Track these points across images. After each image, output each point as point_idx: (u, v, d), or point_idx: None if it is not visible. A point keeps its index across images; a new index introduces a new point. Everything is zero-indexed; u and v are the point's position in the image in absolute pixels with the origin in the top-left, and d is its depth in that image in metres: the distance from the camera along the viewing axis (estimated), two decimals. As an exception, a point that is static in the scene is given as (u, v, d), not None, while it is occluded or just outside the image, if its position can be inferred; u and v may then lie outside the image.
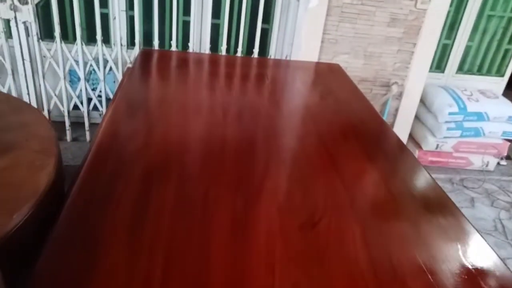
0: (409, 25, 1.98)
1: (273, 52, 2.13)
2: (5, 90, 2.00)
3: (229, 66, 1.54)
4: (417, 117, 2.39)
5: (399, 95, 2.16)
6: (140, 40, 2.03)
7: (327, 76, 1.55)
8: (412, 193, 0.92)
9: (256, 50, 2.10)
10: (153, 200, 0.76)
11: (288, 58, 2.10)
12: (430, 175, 0.98)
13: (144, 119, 1.06)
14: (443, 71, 2.55)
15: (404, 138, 2.29)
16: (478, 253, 0.75)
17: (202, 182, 0.83)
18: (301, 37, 1.95)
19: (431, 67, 2.22)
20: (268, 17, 2.19)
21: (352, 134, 1.13)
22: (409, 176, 1.00)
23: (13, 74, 1.97)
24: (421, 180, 0.98)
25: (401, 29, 1.98)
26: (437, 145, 2.37)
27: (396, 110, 2.21)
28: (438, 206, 0.87)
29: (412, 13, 1.95)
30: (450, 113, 2.26)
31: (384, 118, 2.18)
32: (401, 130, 2.26)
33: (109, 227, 0.69)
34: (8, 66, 1.94)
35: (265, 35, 2.24)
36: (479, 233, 0.81)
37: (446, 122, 2.29)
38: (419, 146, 2.45)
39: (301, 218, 0.77)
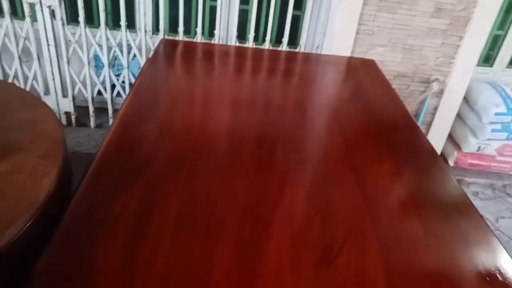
0: (456, 15, 1.78)
1: (304, 42, 2.00)
2: (31, 75, 2.00)
3: (254, 60, 1.44)
4: (458, 116, 2.19)
5: (440, 93, 1.97)
6: (165, 26, 1.95)
7: (360, 74, 1.42)
8: (448, 219, 0.80)
9: (285, 39, 1.98)
10: (156, 212, 0.70)
11: (319, 49, 1.96)
12: (466, 195, 0.86)
13: (158, 115, 0.99)
14: (491, 65, 2.32)
15: (442, 138, 2.12)
16: None
17: (209, 196, 0.75)
18: (334, 26, 1.81)
19: (478, 61, 2.01)
20: (300, 3, 2.05)
21: (382, 142, 1.02)
22: (443, 197, 0.88)
23: (38, 58, 1.96)
24: (457, 201, 0.86)
25: (446, 20, 1.79)
26: (479, 147, 2.18)
27: (435, 108, 2.03)
28: (476, 235, 0.75)
29: (461, 2, 1.75)
30: (496, 114, 2.06)
31: (421, 117, 2.01)
32: (440, 130, 2.08)
33: (111, 226, 0.66)
34: (34, 50, 1.93)
35: (296, 22, 2.10)
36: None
37: (491, 123, 2.09)
38: (458, 147, 2.26)
39: (318, 250, 0.68)
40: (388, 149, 1.00)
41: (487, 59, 2.32)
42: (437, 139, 2.12)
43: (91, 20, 2.03)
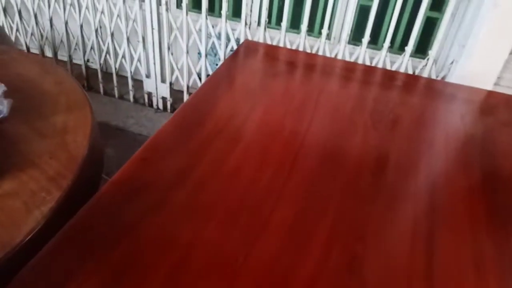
0: None
1: (435, 54, 1.56)
2: (136, 56, 2.03)
3: (354, 82, 1.12)
4: None
5: None
6: (266, 19, 1.73)
7: (497, 121, 0.98)
8: None
9: (409, 48, 1.57)
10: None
11: (453, 65, 1.50)
12: None
13: (188, 153, 0.80)
14: None
15: None
16: None
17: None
18: (478, 39, 1.34)
19: None
20: (439, 3, 1.60)
21: (494, 266, 0.64)
22: None
23: (143, 41, 1.96)
24: None
25: None
26: None
27: None
28: None
29: None
30: None
31: None
32: None
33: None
34: (140, 32, 1.93)
35: (431, 27, 1.66)
36: None
37: None
38: None
39: None
40: (494, 273, 0.62)
41: None
42: None
43: (198, 6, 1.93)
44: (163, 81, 2.05)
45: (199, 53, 2.04)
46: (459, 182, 0.79)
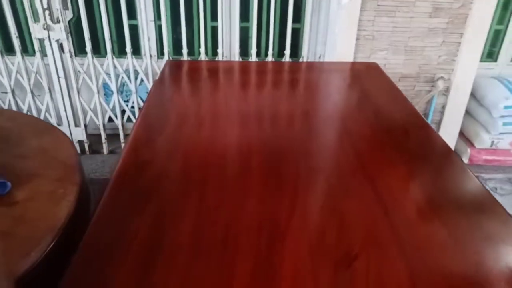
0: (454, 13, 1.80)
1: (306, 53, 2.03)
2: (43, 108, 2.06)
3: (258, 73, 1.47)
4: (468, 113, 2.18)
5: (446, 91, 1.97)
6: (169, 50, 2.00)
7: (364, 78, 1.43)
8: (472, 218, 0.78)
9: (287, 52, 2.01)
10: (169, 232, 0.70)
11: (321, 58, 1.99)
12: (488, 191, 0.84)
13: (167, 136, 1.01)
14: (495, 60, 2.32)
15: (453, 136, 2.10)
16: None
17: (221, 216, 0.76)
18: (334, 35, 1.83)
19: (481, 57, 2.01)
20: (299, 16, 2.09)
21: (394, 145, 1.01)
22: (464, 195, 0.87)
23: (50, 91, 2.02)
24: (479, 199, 0.84)
25: (445, 19, 1.80)
26: (492, 142, 2.15)
27: (443, 107, 2.02)
28: (503, 233, 0.74)
29: (458, 0, 1.77)
30: (506, 107, 2.04)
31: (430, 116, 2.01)
32: (450, 128, 2.07)
33: (127, 247, 0.68)
34: (45, 84, 1.99)
35: (297, 35, 2.14)
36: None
37: (502, 116, 2.07)
38: (471, 144, 2.24)
39: (335, 255, 0.67)
40: (401, 153, 0.98)
41: (491, 54, 2.31)
42: (448, 137, 2.11)
43: (98, 50, 2.09)
44: (77, 125, 2.11)
45: (106, 94, 2.18)
46: (357, 114, 1.17)
